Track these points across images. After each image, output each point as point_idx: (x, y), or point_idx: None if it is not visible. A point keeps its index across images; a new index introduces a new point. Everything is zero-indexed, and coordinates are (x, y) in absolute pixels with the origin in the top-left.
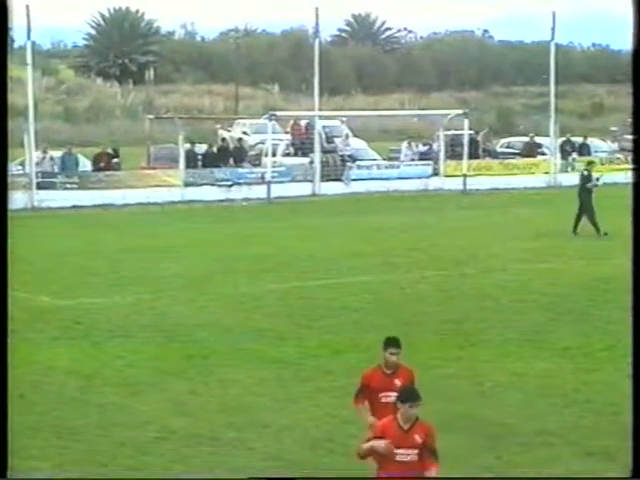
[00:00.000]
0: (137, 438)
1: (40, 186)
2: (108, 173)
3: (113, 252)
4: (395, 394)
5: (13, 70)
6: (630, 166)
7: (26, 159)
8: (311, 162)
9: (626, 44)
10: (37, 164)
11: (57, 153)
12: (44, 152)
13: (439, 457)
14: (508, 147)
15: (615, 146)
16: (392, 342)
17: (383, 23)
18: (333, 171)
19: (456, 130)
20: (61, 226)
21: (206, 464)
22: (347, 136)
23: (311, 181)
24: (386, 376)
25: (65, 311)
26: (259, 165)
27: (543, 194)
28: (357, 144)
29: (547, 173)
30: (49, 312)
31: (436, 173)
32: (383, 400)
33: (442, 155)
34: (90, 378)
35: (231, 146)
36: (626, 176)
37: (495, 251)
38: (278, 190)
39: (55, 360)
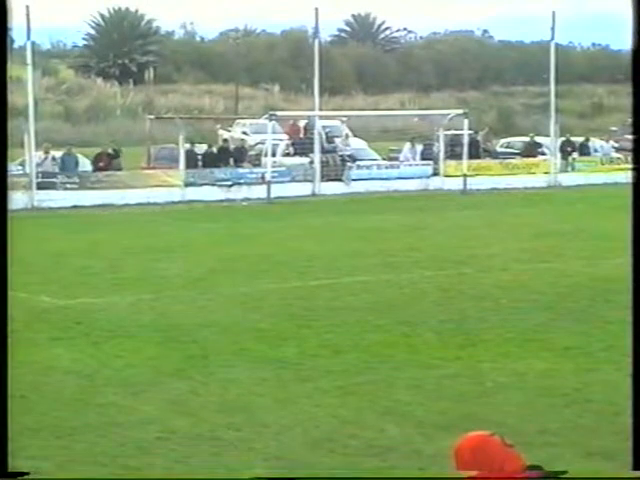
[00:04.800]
0: (137, 438)
1: (40, 186)
2: (108, 173)
3: (113, 252)
4: None
5: (13, 70)
6: (630, 166)
7: (26, 159)
8: (311, 162)
9: (626, 44)
10: (39, 164)
11: (57, 153)
12: (46, 152)
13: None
14: (508, 147)
15: (610, 145)
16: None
17: (383, 23)
18: (333, 171)
19: (456, 130)
20: (61, 226)
21: (207, 464)
22: (347, 136)
23: (311, 181)
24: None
25: (65, 311)
26: (259, 165)
27: (543, 194)
28: (357, 144)
29: (547, 173)
30: (49, 312)
31: (436, 173)
32: None
33: (442, 155)
34: (90, 378)
35: (232, 146)
36: (626, 176)
37: (495, 251)
38: (278, 190)
39: (55, 360)
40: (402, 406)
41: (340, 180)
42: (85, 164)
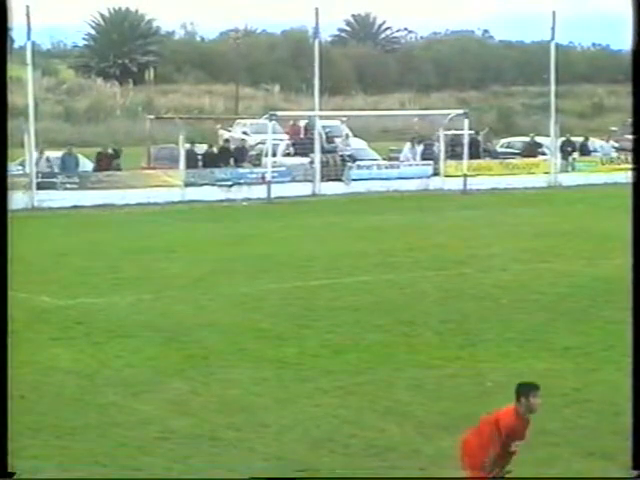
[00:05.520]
0: (138, 438)
1: (40, 186)
2: (108, 173)
3: (113, 252)
4: (521, 442)
5: (13, 70)
6: (630, 166)
7: (26, 159)
8: (311, 162)
9: (626, 44)
10: (36, 164)
11: (57, 153)
12: (40, 153)
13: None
14: (508, 147)
15: (610, 145)
16: (536, 387)
17: (383, 23)
18: (333, 171)
19: (456, 130)
20: (61, 226)
21: (206, 464)
22: (347, 136)
23: (311, 181)
24: (523, 424)
25: (65, 311)
26: (259, 165)
27: (543, 194)
28: (357, 144)
29: (547, 173)
30: (49, 312)
31: (436, 173)
32: (513, 449)
33: (442, 155)
34: (90, 378)
35: (232, 146)
36: (626, 176)
37: (495, 251)
38: (278, 190)
39: (55, 360)
40: (402, 406)
41: (340, 180)
42: (85, 164)
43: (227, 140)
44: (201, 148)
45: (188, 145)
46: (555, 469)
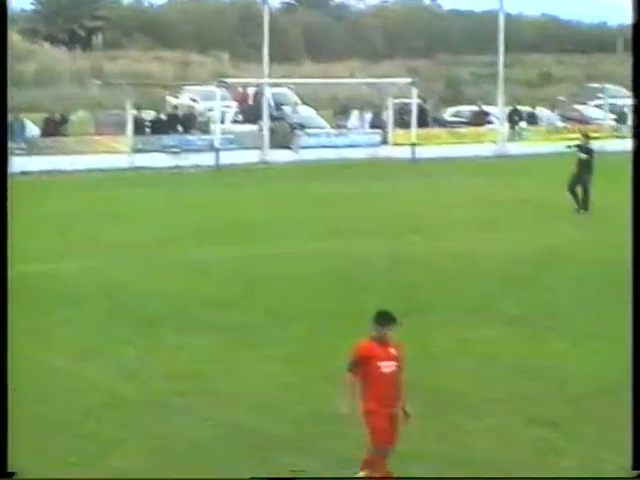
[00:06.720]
0: (85, 404)
1: None
2: (56, 139)
3: (61, 219)
4: (394, 363)
5: None
6: (571, 136)
7: None
8: (260, 129)
9: (575, 15)
10: None
11: None
12: None
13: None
14: (456, 116)
15: (556, 115)
16: (392, 319)
17: None
18: (282, 139)
19: (405, 98)
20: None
21: (155, 431)
22: (296, 104)
23: (260, 148)
24: (383, 347)
25: (11, 278)
26: (208, 132)
27: (491, 163)
28: (306, 112)
29: (494, 142)
30: None
31: (385, 141)
32: (384, 370)
33: (391, 124)
34: (38, 345)
35: (181, 113)
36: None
37: (443, 220)
38: (227, 157)
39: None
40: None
41: (289, 148)
42: (32, 129)
43: (175, 107)
44: (149, 114)
45: (135, 111)
46: (503, 437)
